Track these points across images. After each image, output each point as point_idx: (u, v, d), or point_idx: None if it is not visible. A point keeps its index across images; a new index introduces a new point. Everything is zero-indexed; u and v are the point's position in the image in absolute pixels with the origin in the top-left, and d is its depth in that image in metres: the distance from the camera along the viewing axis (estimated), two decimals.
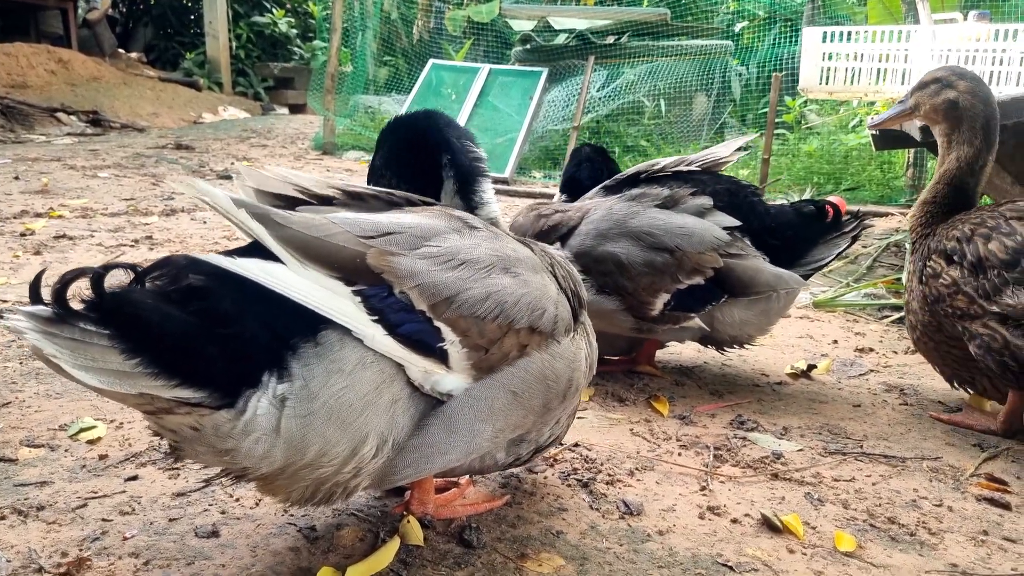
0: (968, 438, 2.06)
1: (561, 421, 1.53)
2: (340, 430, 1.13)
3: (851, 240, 2.33)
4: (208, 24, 13.25)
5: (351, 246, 1.16)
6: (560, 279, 1.46)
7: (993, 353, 1.91)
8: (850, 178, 7.17)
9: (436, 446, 1.25)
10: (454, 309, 1.22)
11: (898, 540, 1.52)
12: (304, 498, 1.21)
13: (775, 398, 2.32)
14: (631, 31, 9.05)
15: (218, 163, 6.79)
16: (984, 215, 2.03)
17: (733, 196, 2.30)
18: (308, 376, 1.09)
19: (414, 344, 1.18)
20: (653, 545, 1.46)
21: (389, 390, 1.17)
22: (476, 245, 1.30)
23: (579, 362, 1.45)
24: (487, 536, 1.44)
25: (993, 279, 1.91)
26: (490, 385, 1.28)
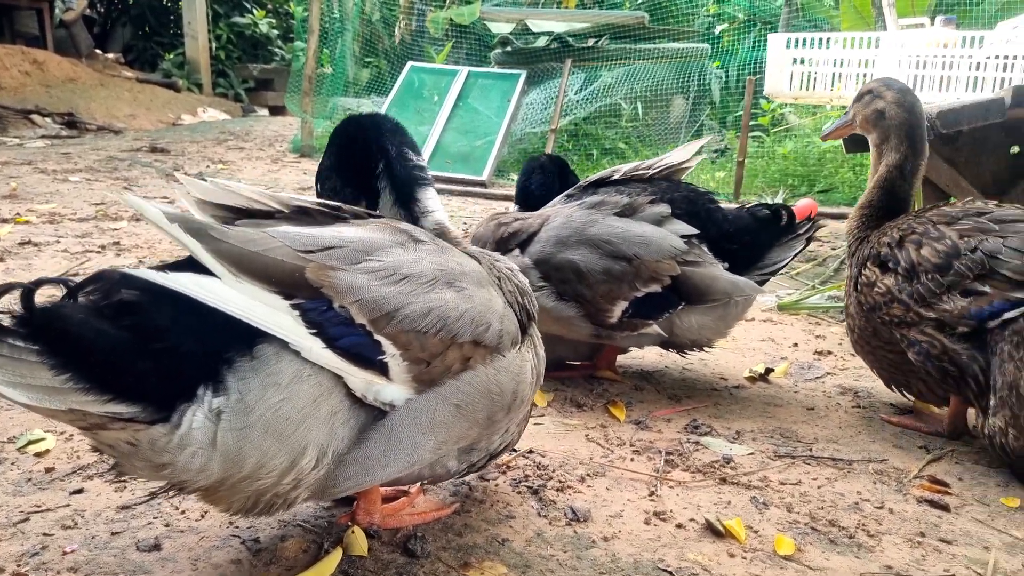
0: (916, 440, 2.10)
1: (511, 429, 1.55)
2: (278, 442, 1.14)
3: (805, 242, 2.37)
4: (187, 24, 13.19)
5: (290, 260, 1.18)
6: (507, 293, 1.48)
7: (932, 359, 1.95)
8: (823, 180, 7.24)
9: (376, 458, 1.26)
10: (395, 324, 1.23)
11: (837, 543, 1.56)
12: (245, 508, 1.23)
13: (731, 402, 2.35)
14: (609, 34, 9.10)
15: (193, 166, 6.77)
16: (912, 222, 2.08)
17: (691, 203, 2.33)
18: (244, 389, 1.11)
19: (353, 357, 1.19)
20: (597, 551, 1.48)
21: (328, 402, 1.19)
22: (419, 259, 1.32)
23: (525, 375, 1.47)
24: (432, 545, 1.46)
25: (928, 284, 1.95)
26: (432, 398, 1.30)
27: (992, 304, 1.86)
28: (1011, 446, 1.83)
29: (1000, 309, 1.85)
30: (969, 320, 1.89)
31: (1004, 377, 1.83)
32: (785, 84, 4.44)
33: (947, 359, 1.92)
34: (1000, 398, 1.84)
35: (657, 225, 2.24)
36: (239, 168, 7.05)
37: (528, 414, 1.62)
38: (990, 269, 1.87)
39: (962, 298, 1.90)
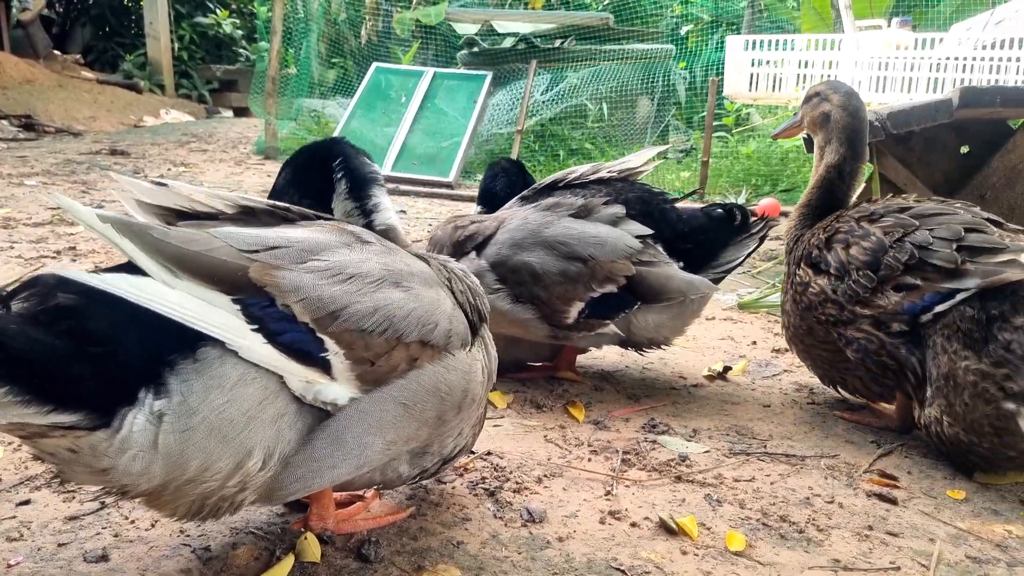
0: (867, 435, 2.14)
1: (464, 432, 1.55)
2: (222, 445, 1.14)
3: (759, 241, 2.41)
4: (149, 25, 12.99)
5: (232, 260, 1.17)
6: (457, 293, 1.48)
7: (871, 356, 1.99)
8: (786, 179, 7.34)
9: (324, 460, 1.26)
10: (339, 323, 1.23)
11: (787, 538, 1.58)
12: (191, 512, 1.22)
13: (690, 400, 2.38)
14: (575, 35, 9.14)
15: (154, 169, 6.68)
16: (835, 222, 2.14)
17: (645, 204, 2.36)
18: (186, 392, 1.10)
19: (295, 353, 1.19)
20: (551, 552, 1.49)
21: (273, 405, 1.18)
22: (366, 259, 1.32)
23: (475, 374, 1.47)
24: (386, 550, 1.46)
25: (861, 281, 1.99)
26: (379, 398, 1.30)
27: (924, 298, 1.91)
28: (946, 434, 1.89)
29: (931, 303, 1.90)
30: (902, 315, 1.94)
31: (939, 368, 1.88)
32: (744, 85, 4.50)
33: (885, 354, 1.97)
34: (936, 388, 1.89)
35: (612, 226, 2.25)
36: (202, 170, 6.97)
37: (482, 417, 1.62)
38: (920, 260, 1.91)
39: (895, 293, 1.95)
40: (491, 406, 2.25)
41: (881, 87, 4.93)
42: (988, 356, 1.80)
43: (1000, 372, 1.77)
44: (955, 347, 1.85)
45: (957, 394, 1.84)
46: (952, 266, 1.86)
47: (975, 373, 1.80)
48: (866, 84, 4.98)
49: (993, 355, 1.79)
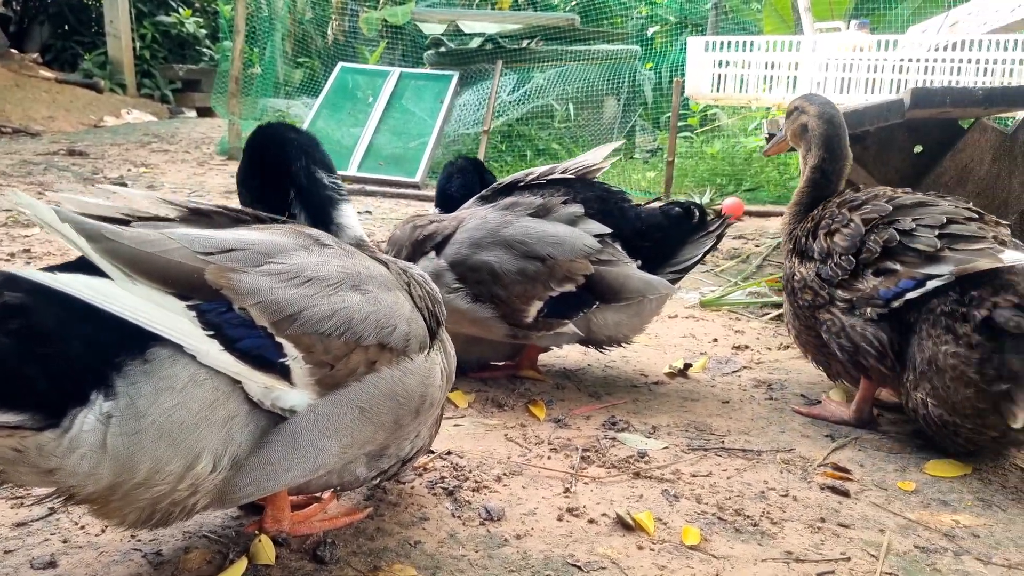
0: (823, 429, 2.17)
1: (422, 434, 1.55)
2: (171, 447, 1.12)
3: (716, 239, 2.44)
4: (109, 23, 12.74)
5: (188, 262, 1.16)
6: (416, 298, 1.48)
7: (846, 339, 2.08)
8: (750, 179, 7.44)
9: (278, 463, 1.25)
10: (297, 326, 1.23)
11: (742, 531, 1.61)
12: (141, 519, 1.20)
13: (650, 397, 2.40)
14: (541, 35, 9.16)
15: (114, 170, 6.56)
16: (821, 211, 2.26)
17: (603, 202, 2.38)
18: (135, 394, 1.09)
19: (253, 360, 1.18)
20: (508, 550, 1.50)
21: (225, 407, 1.17)
22: (324, 262, 1.32)
23: (433, 378, 1.47)
24: (342, 551, 1.45)
25: (842, 264, 2.08)
26: (336, 401, 1.29)
27: (899, 284, 1.97)
28: (932, 416, 1.95)
29: (904, 288, 1.95)
30: (876, 300, 2.00)
31: (923, 354, 1.94)
32: (705, 86, 4.55)
33: (859, 338, 2.03)
34: (920, 372, 1.95)
35: (571, 225, 2.27)
36: (163, 171, 6.86)
37: (440, 417, 1.62)
38: (901, 244, 1.99)
39: (873, 277, 2.02)
40: (452, 405, 2.25)
41: (845, 88, 5.01)
42: (965, 340, 1.86)
43: (975, 356, 1.83)
44: (937, 332, 1.91)
45: (940, 378, 1.90)
46: (931, 251, 1.94)
47: (954, 357, 1.87)
48: (829, 85, 5.06)
49: (970, 339, 1.85)
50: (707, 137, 8.96)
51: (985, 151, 3.03)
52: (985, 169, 3.05)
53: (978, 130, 3.02)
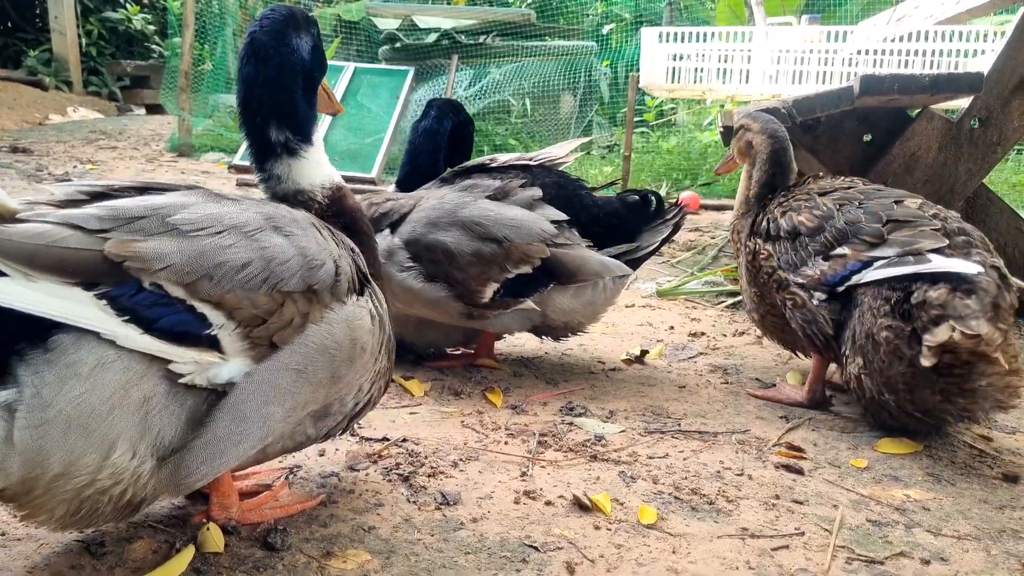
0: (777, 411, 2.19)
1: (364, 388, 1.46)
2: (84, 437, 1.07)
3: (673, 228, 2.44)
4: (54, 19, 12.38)
5: (85, 247, 1.10)
6: (340, 243, 1.42)
7: (801, 318, 2.11)
8: (705, 174, 7.52)
9: (227, 438, 1.20)
10: (214, 284, 1.16)
11: (698, 510, 1.61)
12: (69, 515, 1.15)
13: (607, 383, 2.40)
14: (497, 31, 9.15)
15: (59, 166, 6.38)
16: (790, 195, 2.29)
17: (561, 188, 2.37)
18: (39, 383, 1.04)
19: (177, 337, 1.13)
20: (464, 533, 1.48)
21: (139, 388, 1.11)
22: (241, 211, 1.26)
23: (362, 321, 1.38)
24: (294, 538, 1.42)
25: (799, 250, 2.12)
26: (271, 367, 1.23)
27: (847, 266, 2.00)
28: (864, 388, 1.98)
29: (852, 271, 2.00)
30: (824, 286, 2.05)
31: (863, 326, 1.97)
32: (660, 77, 4.58)
33: (811, 317, 2.08)
34: (858, 347, 1.98)
35: (528, 209, 2.26)
36: (110, 168, 6.69)
37: (385, 371, 1.53)
38: (849, 234, 2.03)
39: (823, 262, 2.06)
40: (408, 394, 2.22)
41: (797, 80, 5.09)
42: (901, 313, 1.89)
43: (908, 328, 1.87)
44: (878, 304, 1.94)
45: (876, 352, 1.93)
46: (877, 240, 1.98)
47: (889, 330, 1.90)
48: (782, 78, 5.14)
49: (906, 312, 1.89)
50: (663, 133, 9.04)
51: (932, 139, 3.09)
52: (932, 157, 3.11)
53: (925, 119, 3.08)
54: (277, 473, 1.66)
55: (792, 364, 2.65)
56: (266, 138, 1.46)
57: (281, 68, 1.44)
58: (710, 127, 8.41)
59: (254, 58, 1.43)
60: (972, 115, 3.07)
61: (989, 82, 2.99)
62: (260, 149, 1.48)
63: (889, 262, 1.94)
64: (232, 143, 7.97)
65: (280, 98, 1.45)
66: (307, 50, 1.48)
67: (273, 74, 1.44)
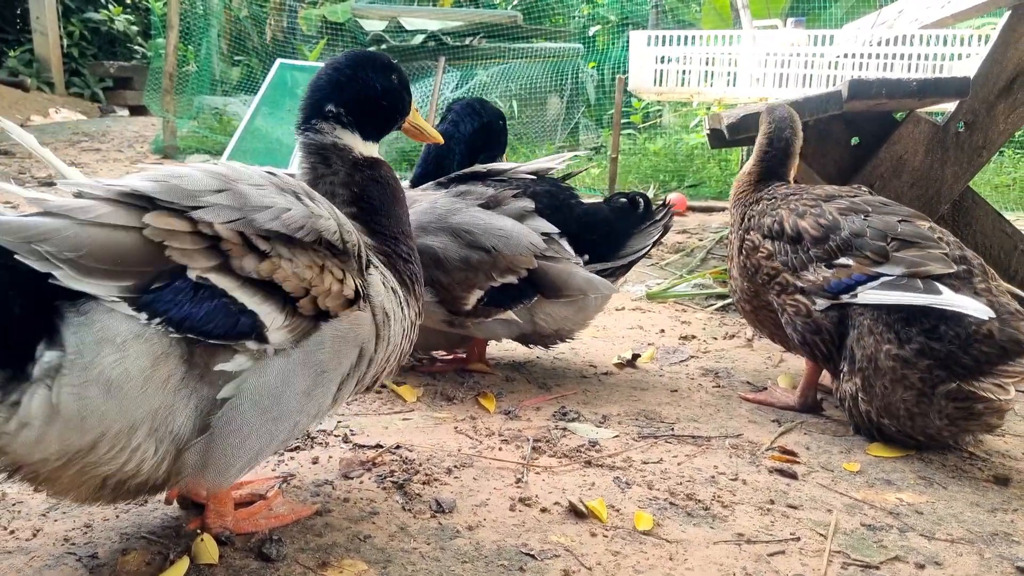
0: (769, 415, 2.20)
1: (401, 345, 1.52)
2: (120, 405, 1.09)
3: (663, 229, 2.45)
4: (35, 20, 12.26)
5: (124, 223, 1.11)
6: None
7: (799, 322, 2.11)
8: (692, 175, 7.55)
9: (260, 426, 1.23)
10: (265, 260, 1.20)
11: (693, 515, 1.61)
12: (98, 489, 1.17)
13: (600, 388, 2.40)
14: (484, 33, 9.15)
15: (41, 170, 6.30)
16: (793, 194, 2.25)
17: (553, 197, 2.38)
18: (79, 344, 1.05)
19: (220, 336, 1.15)
20: (461, 541, 1.47)
21: (166, 365, 1.13)
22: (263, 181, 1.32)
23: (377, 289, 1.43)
24: (289, 548, 1.40)
25: (802, 255, 2.10)
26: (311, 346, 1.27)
27: (852, 276, 1.98)
28: (860, 410, 1.98)
29: (857, 282, 1.98)
30: (827, 292, 2.02)
31: (863, 349, 1.95)
32: (648, 80, 4.60)
33: (812, 323, 2.06)
34: (857, 368, 1.97)
35: (519, 220, 2.27)
36: (94, 170, 6.63)
37: (414, 323, 1.57)
38: (854, 246, 2.00)
39: (826, 269, 2.03)
40: (401, 400, 2.21)
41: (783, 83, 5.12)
42: (911, 344, 1.87)
43: (923, 362, 1.85)
44: (880, 329, 1.92)
45: (878, 376, 1.92)
46: (881, 257, 1.95)
47: (896, 359, 1.89)
48: (768, 81, 5.16)
49: (917, 343, 1.87)
50: (650, 134, 9.07)
51: (919, 143, 3.12)
52: (919, 160, 3.14)
53: (912, 122, 3.10)
54: (271, 482, 1.65)
55: (783, 367, 2.66)
56: (320, 108, 1.54)
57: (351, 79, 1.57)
58: (696, 129, 8.44)
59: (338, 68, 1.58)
60: (958, 119, 3.10)
61: (974, 86, 3.02)
62: (311, 114, 1.55)
63: (895, 283, 1.91)
64: (217, 145, 7.92)
65: (348, 91, 1.56)
66: (380, 84, 1.60)
67: (345, 76, 1.57)
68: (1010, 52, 3.02)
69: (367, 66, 1.58)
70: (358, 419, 2.04)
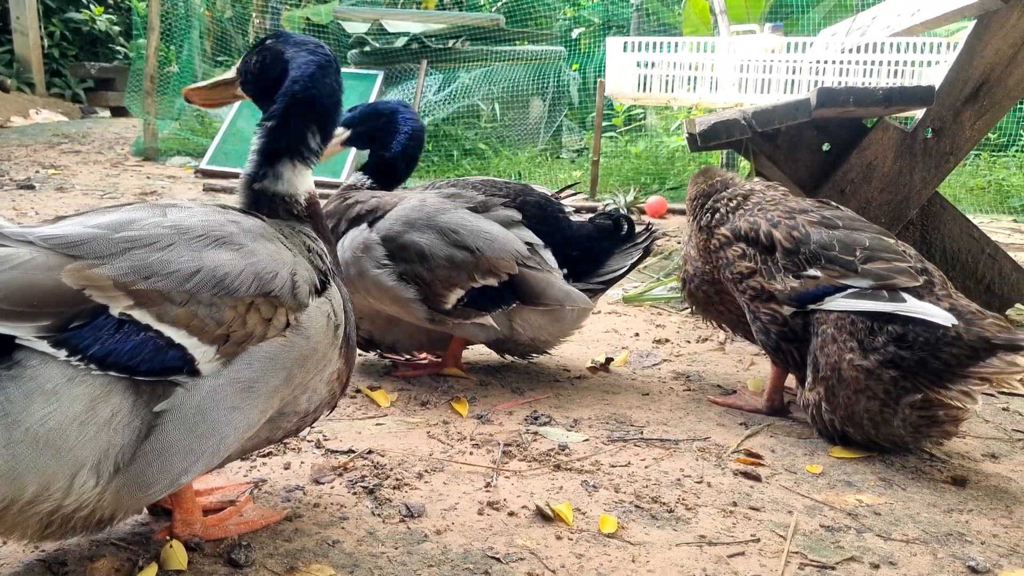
0: (738, 418, 2.24)
1: (318, 389, 1.47)
2: (54, 457, 1.09)
3: (643, 252, 2.51)
4: (15, 20, 12.17)
5: (44, 275, 1.09)
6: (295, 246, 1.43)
7: (766, 326, 2.15)
8: (673, 178, 7.61)
9: (184, 448, 1.21)
10: (185, 307, 1.18)
11: (658, 517, 1.65)
12: (43, 530, 1.16)
13: (572, 392, 2.44)
14: (467, 35, 9.17)
15: (20, 172, 6.28)
16: (768, 200, 2.27)
17: (541, 209, 2.45)
18: (4, 400, 1.05)
19: (165, 371, 1.16)
20: (428, 545, 1.50)
21: (107, 404, 1.12)
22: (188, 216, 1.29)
23: (317, 322, 1.39)
24: (258, 553, 1.43)
25: (777, 263, 2.11)
26: (235, 373, 1.25)
27: (819, 287, 2.01)
28: (823, 418, 2.02)
29: (825, 292, 2.00)
30: (792, 302, 2.06)
31: (826, 358, 1.98)
32: (625, 85, 4.64)
33: (788, 332, 2.10)
34: (821, 377, 2.00)
35: (505, 227, 2.32)
36: (74, 173, 6.60)
37: (341, 375, 1.53)
38: (823, 259, 2.02)
39: (794, 279, 2.06)
40: (374, 405, 2.24)
41: (763, 88, 5.18)
42: (875, 354, 1.90)
43: (888, 373, 1.89)
44: (843, 338, 1.95)
45: (841, 387, 1.95)
46: (849, 270, 1.98)
47: (858, 370, 1.92)
48: (748, 86, 5.22)
49: (882, 353, 1.90)
50: (631, 137, 9.12)
51: (888, 149, 3.18)
52: (888, 166, 3.19)
53: (881, 128, 3.16)
54: (242, 488, 1.67)
55: (753, 371, 2.70)
56: (301, 140, 1.51)
57: (339, 85, 1.56)
58: (678, 131, 8.51)
59: (327, 69, 1.54)
60: (925, 125, 3.16)
61: (941, 94, 3.08)
62: (282, 146, 1.51)
63: (861, 293, 1.95)
64: (198, 147, 7.90)
65: (334, 110, 1.55)
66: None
67: (336, 87, 1.55)
68: (976, 60, 3.09)
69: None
70: (331, 424, 2.07)
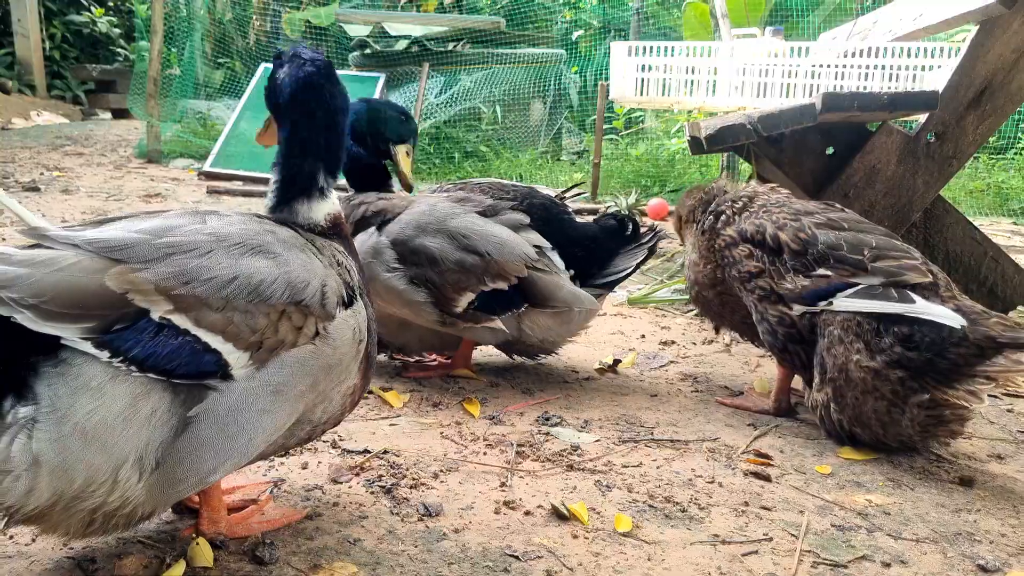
0: (745, 419, 2.27)
1: (334, 399, 1.49)
2: (100, 451, 1.12)
3: (648, 252, 2.55)
4: (16, 22, 12.19)
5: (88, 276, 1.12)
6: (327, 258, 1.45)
7: (773, 326, 2.17)
8: (673, 180, 7.64)
9: (215, 448, 1.24)
10: (221, 313, 1.21)
11: (671, 517, 1.67)
12: (86, 527, 1.20)
13: (582, 393, 2.46)
14: (467, 38, 9.20)
15: (25, 174, 6.29)
16: (773, 203, 2.30)
17: (547, 210, 2.50)
18: (53, 396, 1.08)
19: (200, 375, 1.19)
20: (447, 543, 1.53)
21: (147, 401, 1.16)
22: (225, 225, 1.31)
23: (344, 334, 1.42)
24: (281, 551, 1.45)
25: (786, 264, 2.13)
26: (265, 378, 1.28)
27: (831, 284, 2.03)
28: (832, 419, 2.05)
29: (836, 289, 2.02)
30: (803, 301, 2.08)
31: (834, 359, 2.01)
32: (630, 89, 4.68)
33: (796, 334, 2.12)
34: (829, 378, 2.03)
35: (514, 231, 2.36)
36: (78, 175, 6.61)
37: (357, 389, 1.55)
38: (831, 259, 2.05)
39: (804, 279, 2.09)
40: (387, 406, 2.26)
41: (761, 92, 5.22)
42: (883, 355, 1.93)
43: (895, 374, 1.92)
44: (850, 339, 1.98)
45: (849, 388, 1.98)
46: (860, 268, 2.00)
47: (866, 370, 1.95)
48: (747, 90, 5.26)
49: (889, 354, 1.92)
50: (632, 139, 9.16)
51: (891, 152, 3.21)
52: (891, 170, 3.23)
53: (884, 132, 3.19)
54: (263, 487, 1.69)
55: (759, 372, 2.73)
56: (311, 180, 1.48)
57: (338, 112, 1.48)
58: (678, 134, 8.54)
59: (316, 102, 1.46)
60: (928, 130, 3.19)
61: (944, 98, 3.11)
62: (295, 187, 1.49)
63: (871, 291, 1.97)
64: (201, 149, 7.92)
65: (335, 144, 1.49)
66: (344, 98, 1.52)
67: (331, 121, 1.47)
68: (978, 66, 3.12)
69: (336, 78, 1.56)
70: (346, 425, 2.09)
